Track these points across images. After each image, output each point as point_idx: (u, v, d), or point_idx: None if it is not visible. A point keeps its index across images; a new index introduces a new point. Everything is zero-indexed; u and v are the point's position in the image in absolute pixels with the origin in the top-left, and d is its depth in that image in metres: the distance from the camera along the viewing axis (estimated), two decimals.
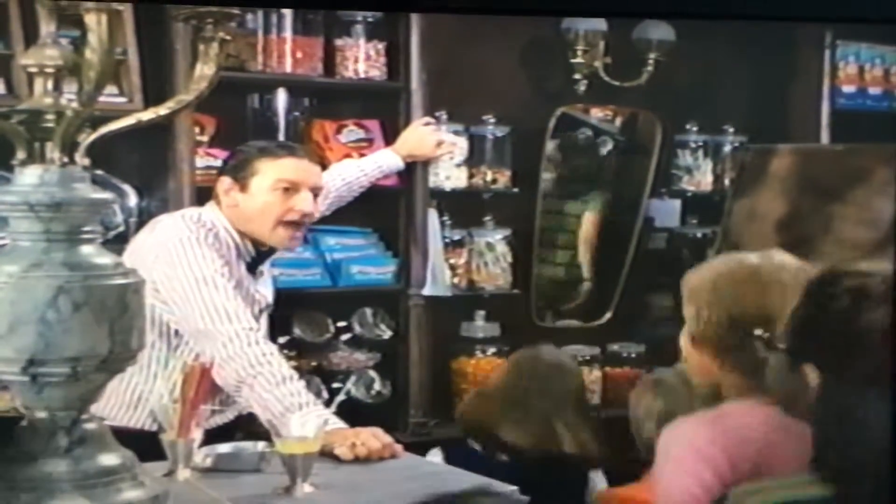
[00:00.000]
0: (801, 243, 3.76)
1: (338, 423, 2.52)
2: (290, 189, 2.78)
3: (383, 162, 3.48)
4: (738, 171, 4.11)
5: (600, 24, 4.12)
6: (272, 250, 2.87)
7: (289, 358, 3.34)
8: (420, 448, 2.87)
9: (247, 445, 2.47)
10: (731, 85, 4.49)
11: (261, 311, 2.86)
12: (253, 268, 2.84)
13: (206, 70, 2.12)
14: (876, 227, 3.60)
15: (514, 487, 2.36)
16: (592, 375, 4.18)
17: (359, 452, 2.46)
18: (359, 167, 3.44)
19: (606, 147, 4.39)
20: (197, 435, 2.37)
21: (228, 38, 2.24)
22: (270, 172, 2.78)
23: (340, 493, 2.29)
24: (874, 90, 4.60)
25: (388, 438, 2.53)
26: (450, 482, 2.42)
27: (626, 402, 4.21)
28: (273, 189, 2.78)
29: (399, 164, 3.51)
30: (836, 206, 3.70)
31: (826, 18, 3.69)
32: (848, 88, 4.54)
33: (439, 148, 3.64)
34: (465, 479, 2.43)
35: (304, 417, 2.41)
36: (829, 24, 4.39)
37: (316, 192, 2.85)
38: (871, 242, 3.60)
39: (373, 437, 2.50)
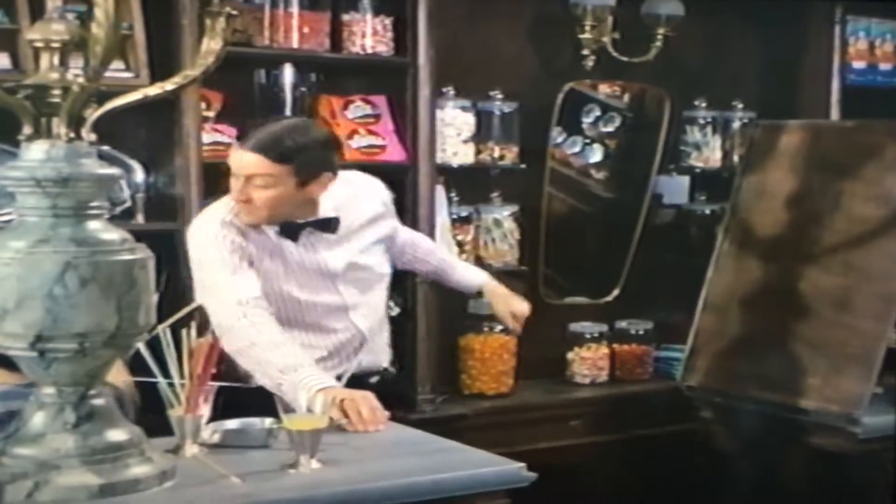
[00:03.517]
0: (811, 219, 3.75)
1: (329, 383, 2.55)
2: (234, 176, 2.77)
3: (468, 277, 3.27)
4: (747, 148, 4.09)
5: None
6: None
7: None
8: (428, 425, 2.86)
9: (254, 421, 2.47)
10: (740, 61, 4.47)
11: (324, 276, 2.86)
12: (293, 236, 2.83)
13: (212, 45, 2.12)
14: (886, 204, 3.59)
15: (522, 464, 2.35)
16: (600, 352, 4.18)
17: (347, 407, 2.49)
18: (441, 257, 3.33)
19: (614, 123, 4.37)
20: (205, 411, 2.38)
21: (235, 12, 2.24)
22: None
23: (348, 468, 2.29)
24: (884, 66, 4.58)
25: (377, 403, 2.56)
26: (456, 459, 2.42)
27: (634, 378, 4.24)
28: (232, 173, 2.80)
29: (474, 288, 3.27)
30: (846, 182, 3.68)
31: None
32: (858, 64, 4.52)
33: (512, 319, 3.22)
34: (472, 456, 2.43)
35: (309, 381, 2.48)
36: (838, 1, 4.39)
37: (251, 179, 2.74)
38: (880, 218, 3.58)
39: (363, 398, 2.54)
